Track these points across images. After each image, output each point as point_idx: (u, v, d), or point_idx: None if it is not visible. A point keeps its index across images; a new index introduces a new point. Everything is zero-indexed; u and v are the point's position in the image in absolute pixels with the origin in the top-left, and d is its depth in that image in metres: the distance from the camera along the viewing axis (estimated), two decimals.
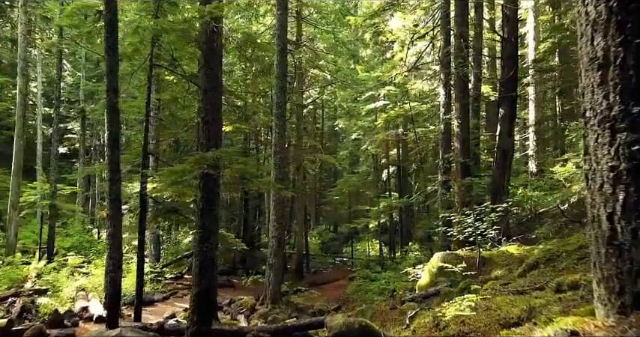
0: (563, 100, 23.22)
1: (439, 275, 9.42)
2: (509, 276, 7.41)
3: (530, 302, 4.02)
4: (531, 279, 5.58)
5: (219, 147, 7.83)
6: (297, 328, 9.13)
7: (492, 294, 5.01)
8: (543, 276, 5.71)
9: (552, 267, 6.06)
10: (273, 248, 14.72)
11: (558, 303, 3.72)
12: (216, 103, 8.04)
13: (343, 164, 30.52)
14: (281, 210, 14.90)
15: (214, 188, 7.80)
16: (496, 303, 4.40)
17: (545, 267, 6.21)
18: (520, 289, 5.10)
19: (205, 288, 7.58)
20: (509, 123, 13.22)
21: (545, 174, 23.65)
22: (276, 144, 14.91)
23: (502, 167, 13.04)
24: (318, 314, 14.72)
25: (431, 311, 5.71)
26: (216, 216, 7.89)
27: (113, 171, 9.11)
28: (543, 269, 6.07)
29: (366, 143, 23.02)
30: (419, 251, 25.05)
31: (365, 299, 16.61)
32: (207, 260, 7.66)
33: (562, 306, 3.54)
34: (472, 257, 9.42)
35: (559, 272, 5.70)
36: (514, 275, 7.21)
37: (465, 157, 13.22)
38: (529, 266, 6.63)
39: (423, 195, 14.66)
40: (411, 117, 19.19)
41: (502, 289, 5.47)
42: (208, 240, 7.70)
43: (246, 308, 14.16)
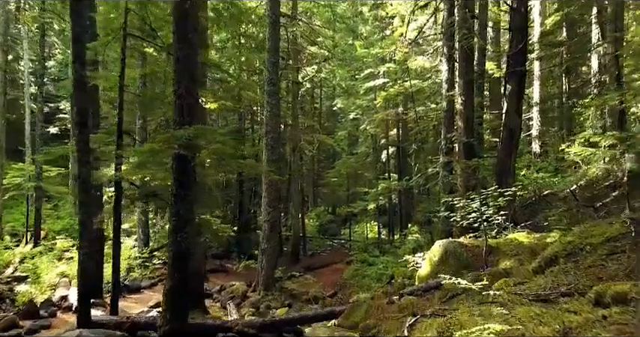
0: (570, 78, 22.10)
1: (441, 264, 8.54)
2: (521, 270, 6.51)
3: (563, 318, 3.11)
4: (553, 279, 4.67)
5: (195, 124, 6.84)
6: (287, 322, 8.30)
7: (509, 300, 4.10)
8: (566, 275, 4.80)
9: (575, 264, 5.14)
10: (265, 232, 13.88)
11: (603, 323, 2.81)
12: (192, 75, 7.02)
13: (342, 145, 29.49)
14: (274, 193, 13.99)
15: (189, 170, 6.85)
16: (518, 317, 3.49)
17: (567, 263, 5.29)
18: (542, 293, 4.18)
19: (180, 282, 6.70)
20: (517, 100, 12.16)
21: (549, 155, 22.73)
22: (268, 124, 13.92)
23: (508, 147, 12.03)
24: (312, 301, 13.96)
25: (434, 319, 4.81)
26: (192, 202, 6.95)
27: (82, 151, 8.16)
28: (564, 266, 5.15)
29: (365, 123, 21.95)
30: (418, 233, 24.28)
31: (362, 284, 15.82)
32: (182, 251, 6.75)
33: (610, 330, 2.64)
34: (477, 246, 8.53)
35: (585, 270, 4.78)
36: (527, 269, 6.31)
37: (469, 137, 12.23)
38: (546, 261, 5.71)
39: (424, 177, 13.72)
40: (412, 95, 18.11)
41: (518, 291, 4.56)
42: (183, 229, 6.78)
43: (238, 296, 13.37)
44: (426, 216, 17.34)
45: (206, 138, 6.76)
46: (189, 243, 6.87)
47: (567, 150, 10.04)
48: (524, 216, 12.25)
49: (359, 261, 18.15)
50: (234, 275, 15.63)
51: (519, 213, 11.29)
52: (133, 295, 13.07)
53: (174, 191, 6.84)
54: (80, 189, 8.09)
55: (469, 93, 12.28)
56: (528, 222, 10.03)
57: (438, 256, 8.62)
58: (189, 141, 6.51)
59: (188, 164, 6.73)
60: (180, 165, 6.75)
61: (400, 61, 19.18)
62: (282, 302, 13.39)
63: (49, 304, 11.16)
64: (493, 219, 8.98)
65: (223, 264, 17.22)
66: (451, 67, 13.26)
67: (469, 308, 3.60)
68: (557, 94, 22.60)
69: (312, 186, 32.74)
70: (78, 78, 8.08)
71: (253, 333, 7.98)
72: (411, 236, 21.37)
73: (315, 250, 23.54)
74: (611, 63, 15.74)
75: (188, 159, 6.73)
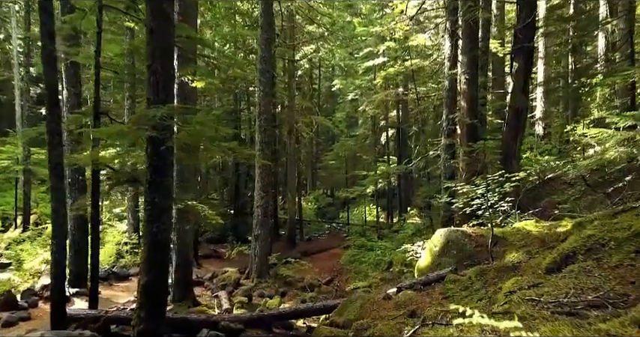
0: (576, 57, 21.15)
1: (442, 255, 7.88)
2: (532, 265, 5.82)
3: None
4: (574, 282, 3.98)
5: (171, 103, 6.09)
6: (277, 317, 7.68)
7: (529, 314, 3.41)
8: (589, 277, 4.11)
9: (597, 262, 4.45)
10: (258, 218, 13.22)
11: None
12: (167, 48, 6.23)
13: (341, 127, 28.67)
14: (267, 178, 13.29)
15: (165, 154, 6.12)
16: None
17: (587, 261, 4.60)
18: (566, 301, 3.49)
19: (156, 277, 6.03)
20: (524, 78, 11.35)
21: (553, 137, 21.93)
22: (260, 104, 13.14)
23: (514, 128, 11.27)
24: (308, 288, 13.38)
25: (436, 330, 4.13)
26: (169, 189, 6.24)
27: (52, 133, 7.40)
28: (585, 265, 4.46)
29: (364, 104, 21.09)
30: (417, 216, 23.67)
31: (359, 270, 15.24)
32: (158, 242, 6.07)
33: None
34: (481, 236, 7.85)
35: (611, 271, 4.09)
36: (539, 264, 5.62)
37: (473, 118, 11.45)
38: (562, 257, 5.02)
39: (424, 160, 12.99)
40: (412, 75, 17.24)
41: (534, 296, 3.87)
42: (159, 219, 6.09)
43: (230, 283, 12.77)
44: (425, 201, 16.65)
45: (182, 118, 6.01)
46: (166, 234, 6.19)
47: (583, 132, 9.24)
48: (527, 201, 11.57)
49: (357, 246, 17.57)
50: (227, 261, 15.06)
51: (524, 198, 10.58)
52: (121, 283, 12.49)
53: (148, 177, 6.13)
54: (51, 173, 7.37)
55: (473, 71, 11.47)
56: (537, 209, 9.31)
57: (439, 246, 7.95)
58: (162, 122, 5.76)
59: (163, 147, 5.99)
60: (154, 148, 6.02)
61: (400, 39, 18.27)
62: (276, 289, 12.82)
63: (30, 293, 10.58)
64: (498, 205, 8.31)
65: (217, 250, 16.65)
66: (454, 44, 12.40)
67: (480, 318, 2.91)
68: (562, 74, 21.65)
69: (311, 169, 32.06)
70: (47, 52, 7.29)
71: (240, 328, 7.38)
72: (411, 220, 20.78)
73: (312, 234, 22.96)
74: (624, 40, 14.88)
75: (163, 142, 5.99)
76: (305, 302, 12.32)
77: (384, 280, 13.05)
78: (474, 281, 6.21)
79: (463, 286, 6.24)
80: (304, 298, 12.50)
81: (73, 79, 10.94)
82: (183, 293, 10.52)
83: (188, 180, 10.61)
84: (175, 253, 10.51)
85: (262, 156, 13.07)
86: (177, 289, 10.48)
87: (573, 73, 20.93)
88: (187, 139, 6.21)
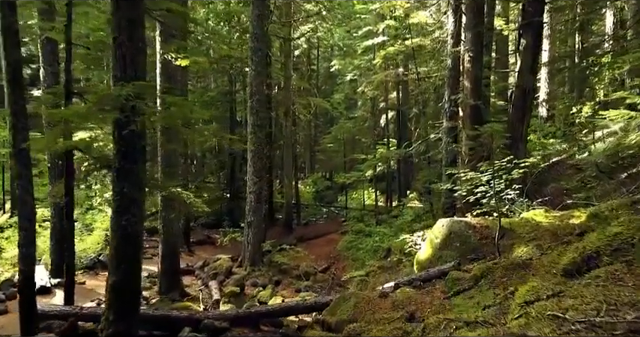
0: (583, 36, 20.20)
1: (444, 248, 7.22)
2: (544, 264, 5.15)
3: None
4: (605, 293, 3.30)
5: (142, 81, 5.34)
6: (264, 314, 7.06)
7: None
8: (620, 286, 3.43)
9: (627, 267, 3.77)
10: (251, 204, 12.56)
11: None
12: (135, 19, 5.45)
13: (339, 108, 27.81)
14: (260, 162, 12.58)
15: (134, 139, 5.40)
16: None
17: (614, 264, 3.92)
18: (599, 322, 2.82)
19: (126, 276, 5.38)
20: (532, 56, 10.53)
21: (557, 119, 21.11)
22: (252, 84, 12.35)
23: (521, 110, 10.51)
24: (303, 276, 12.79)
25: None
26: (139, 177, 5.54)
27: (17, 115, 6.67)
28: (612, 269, 3.78)
29: (363, 84, 20.23)
30: (417, 199, 23.00)
31: (356, 257, 14.64)
32: (128, 237, 5.40)
33: None
34: (486, 227, 7.17)
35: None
36: (555, 262, 4.95)
37: (477, 99, 10.68)
38: (583, 257, 4.34)
39: (425, 144, 12.24)
40: (413, 54, 16.36)
41: (557, 311, 3.19)
42: (129, 211, 5.40)
43: (221, 272, 12.17)
44: (425, 187, 15.96)
45: (153, 99, 5.27)
46: (137, 227, 5.51)
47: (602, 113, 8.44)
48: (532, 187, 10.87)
49: (354, 232, 16.95)
50: (221, 247, 14.46)
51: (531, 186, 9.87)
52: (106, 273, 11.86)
53: (116, 163, 5.43)
54: (15, 159, 6.67)
55: (477, 49, 10.64)
56: (543, 196, 8.61)
57: (441, 238, 7.28)
58: (128, 103, 5.03)
59: (127, 131, 5.26)
60: (122, 132, 5.29)
61: (400, 17, 17.32)
62: (270, 278, 12.23)
63: (9, 284, 9.98)
64: (504, 194, 7.62)
65: (211, 235, 16.01)
66: (458, 19, 11.55)
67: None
68: (568, 53, 20.70)
69: (309, 152, 31.31)
70: (6, 24, 6.50)
71: (225, 327, 6.76)
72: (410, 204, 20.13)
73: (310, 218, 22.35)
74: (636, 18, 13.99)
75: (131, 125, 5.26)
76: (299, 291, 11.75)
77: (381, 268, 12.46)
78: (479, 280, 5.55)
79: (468, 285, 5.58)
80: (299, 287, 11.94)
81: (50, 56, 10.16)
82: (171, 284, 9.93)
83: (175, 166, 9.90)
84: (161, 243, 9.88)
85: (255, 140, 12.35)
86: (163, 280, 9.89)
87: (580, 53, 20.02)
88: (160, 122, 5.47)
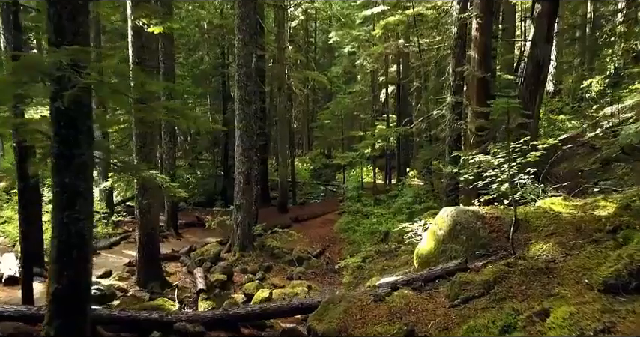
0: (595, 5, 18.82)
1: (449, 241, 6.28)
2: (573, 269, 4.22)
3: None
4: None
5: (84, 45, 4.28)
6: (244, 317, 6.18)
7: None
8: None
9: None
10: (240, 186, 11.61)
11: None
12: None
13: (338, 82, 26.58)
14: (248, 141, 11.55)
15: (79, 119, 4.39)
16: None
17: None
18: None
19: (71, 284, 4.45)
20: (548, 24, 9.37)
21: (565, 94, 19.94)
22: (239, 55, 11.21)
23: (534, 85, 9.42)
24: (296, 262, 11.94)
25: None
26: (86, 165, 4.55)
27: None
28: None
29: (362, 57, 18.97)
30: (417, 178, 22.05)
31: (353, 240, 13.76)
32: (71, 237, 4.45)
33: None
34: (497, 218, 6.21)
35: None
36: (587, 269, 4.02)
37: (485, 71, 9.58)
38: (632, 270, 3.38)
39: (426, 121, 11.18)
40: (414, 23, 15.10)
41: None
42: (73, 206, 4.44)
43: (209, 258, 11.31)
44: (427, 166, 14.98)
45: (98, 68, 4.22)
46: (83, 225, 4.55)
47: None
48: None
49: (352, 212, 16.08)
50: (211, 230, 13.56)
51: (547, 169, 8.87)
52: None
53: (55, 150, 4.43)
54: None
55: (488, 15, 9.48)
56: (559, 180, 7.62)
57: (445, 229, 6.34)
58: (64, 73, 3.99)
59: (75, 109, 4.25)
60: (61, 110, 4.27)
61: None
62: (261, 264, 11.39)
63: None
64: (517, 179, 6.65)
65: (202, 217, 15.07)
66: None
67: None
68: (579, 24, 19.33)
69: (307, 128, 30.19)
70: None
71: (200, 331, 5.90)
72: (410, 182, 19.21)
73: (306, 198, 21.47)
74: None
75: (72, 102, 4.23)
76: (291, 278, 10.94)
77: (379, 253, 11.62)
78: (492, 286, 4.63)
79: (478, 292, 4.66)
80: (291, 273, 11.12)
81: (8, 24, 8.98)
82: (150, 274, 9.06)
83: (151, 145, 8.89)
84: (138, 229, 8.96)
85: (243, 116, 11.30)
86: (142, 270, 9.02)
87: (591, 24, 18.71)
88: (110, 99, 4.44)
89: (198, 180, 21.53)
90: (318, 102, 32.10)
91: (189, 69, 19.04)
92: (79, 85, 3.84)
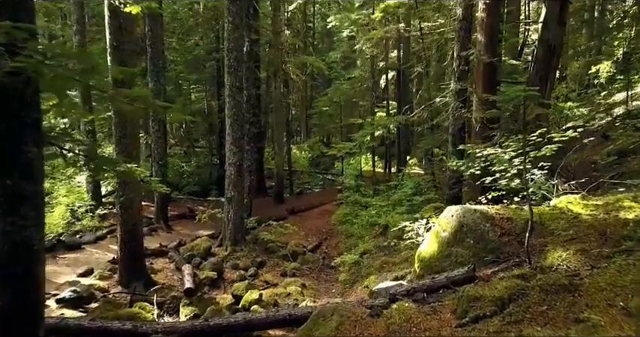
0: None
1: (454, 244, 5.60)
2: (603, 286, 3.55)
3: None
4: None
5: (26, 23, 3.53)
6: (226, 328, 5.54)
7: None
8: None
9: None
10: (231, 177, 10.94)
11: None
12: None
13: (336, 68, 25.71)
14: (240, 130, 10.83)
15: (21, 110, 3.68)
16: None
17: None
18: None
19: (16, 301, 3.79)
20: (562, 4, 8.58)
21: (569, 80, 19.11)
22: (229, 38, 10.43)
23: (545, 69, 8.67)
24: (290, 257, 11.32)
25: None
26: (32, 164, 3.85)
27: None
28: None
29: (361, 41, 18.12)
30: (418, 166, 21.40)
31: (351, 233, 13.10)
32: (17, 248, 3.77)
33: None
34: (507, 219, 5.52)
35: None
36: (620, 285, 3.35)
37: (493, 55, 8.82)
38: None
39: (428, 110, 10.42)
40: (415, 4, 14.25)
41: None
42: (16, 212, 3.75)
43: (199, 253, 10.68)
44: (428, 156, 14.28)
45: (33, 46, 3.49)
46: (30, 234, 3.86)
47: None
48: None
49: (350, 203, 15.43)
50: (203, 223, 12.92)
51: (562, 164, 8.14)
52: (70, 254, 10.39)
53: None
54: None
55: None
56: (576, 177, 6.90)
57: (450, 231, 5.66)
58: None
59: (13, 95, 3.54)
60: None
61: None
62: (253, 259, 10.76)
63: None
64: (530, 174, 5.97)
65: (195, 208, 14.36)
66: None
67: None
68: (587, 7, 18.41)
69: (305, 115, 29.38)
70: None
71: None
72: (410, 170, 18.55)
73: (304, 187, 20.81)
74: None
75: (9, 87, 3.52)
76: (285, 275, 10.32)
77: (377, 248, 11.04)
78: (506, 304, 3.96)
79: (489, 311, 3.99)
80: (285, 270, 10.50)
81: None
82: (133, 273, 8.44)
83: (132, 136, 8.19)
84: (119, 225, 8.32)
85: (233, 104, 10.56)
86: (124, 269, 8.40)
87: (601, 6, 17.82)
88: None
89: (194, 168, 20.86)
90: (318, 88, 31.25)
91: (182, 54, 18.20)
92: (5, 69, 3.12)
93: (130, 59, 7.95)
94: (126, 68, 6.26)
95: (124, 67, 7.86)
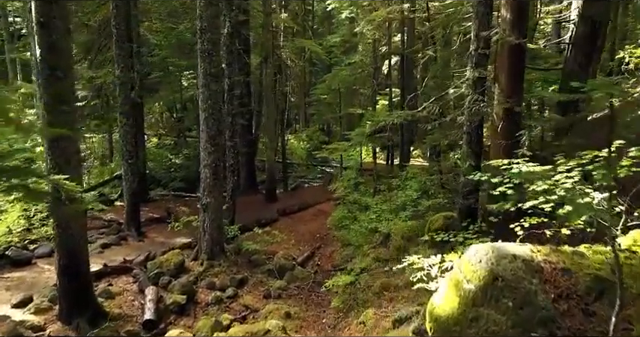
0: None
1: (484, 303, 3.80)
2: None
3: None
4: None
5: None
6: None
7: None
8: None
9: None
10: (207, 182, 9.19)
11: None
12: None
13: (336, 52, 23.67)
14: (216, 125, 9.01)
15: None
16: None
17: None
18: None
19: None
20: None
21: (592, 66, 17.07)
22: (202, 17, 8.55)
23: (587, 53, 6.79)
24: (276, 272, 9.62)
25: None
26: None
27: None
28: None
29: (362, 23, 16.11)
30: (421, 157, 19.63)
31: (348, 240, 11.31)
32: None
33: None
34: (563, 270, 3.73)
35: None
36: None
37: (521, 36, 6.91)
38: None
39: (438, 103, 8.51)
40: None
41: None
42: None
43: (169, 270, 8.96)
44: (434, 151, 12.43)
45: None
46: None
47: None
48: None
49: (349, 202, 13.64)
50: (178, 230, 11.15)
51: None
52: (16, 271, 8.69)
53: None
54: None
55: None
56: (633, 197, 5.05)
57: (477, 283, 3.86)
58: None
59: None
60: None
61: None
62: (233, 276, 9.07)
63: None
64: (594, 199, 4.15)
65: (170, 211, 12.55)
66: None
67: None
68: None
69: (304, 103, 27.44)
70: None
71: None
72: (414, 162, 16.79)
73: (301, 181, 19.04)
74: None
75: None
76: (269, 296, 8.65)
77: (377, 261, 9.42)
78: None
79: None
80: (269, 290, 8.84)
81: None
82: (76, 305, 6.76)
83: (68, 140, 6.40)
84: (57, 249, 6.59)
85: (208, 95, 8.74)
86: (63, 302, 6.70)
87: None
88: None
89: (183, 160, 19.11)
90: (317, 74, 29.24)
91: (165, 37, 16.27)
92: None
93: (62, 41, 6.11)
94: None
95: (54, 50, 6.06)
